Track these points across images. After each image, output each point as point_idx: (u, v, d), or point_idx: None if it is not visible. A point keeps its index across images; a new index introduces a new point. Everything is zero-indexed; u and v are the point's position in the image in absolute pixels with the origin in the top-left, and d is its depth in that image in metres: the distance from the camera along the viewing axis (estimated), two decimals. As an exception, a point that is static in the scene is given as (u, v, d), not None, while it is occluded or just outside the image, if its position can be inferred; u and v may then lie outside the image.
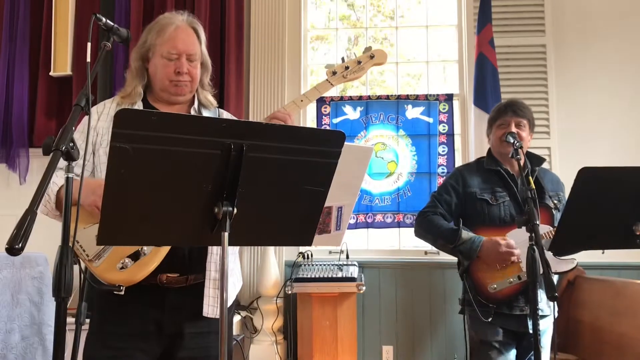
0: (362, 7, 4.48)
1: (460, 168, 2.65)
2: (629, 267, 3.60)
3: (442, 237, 2.43)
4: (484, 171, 2.51)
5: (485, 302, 2.31)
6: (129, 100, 1.75)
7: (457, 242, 2.35)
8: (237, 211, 1.20)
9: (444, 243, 2.43)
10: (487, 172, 2.50)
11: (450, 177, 2.59)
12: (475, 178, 2.49)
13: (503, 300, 2.29)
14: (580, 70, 3.92)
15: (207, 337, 1.67)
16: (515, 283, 2.28)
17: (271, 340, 3.65)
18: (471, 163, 2.67)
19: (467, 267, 2.38)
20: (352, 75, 1.83)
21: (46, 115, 3.98)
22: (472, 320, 2.41)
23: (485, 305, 2.31)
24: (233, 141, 1.16)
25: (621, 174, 1.75)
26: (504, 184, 2.44)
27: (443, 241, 2.43)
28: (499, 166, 2.47)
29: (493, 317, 2.29)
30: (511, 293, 2.29)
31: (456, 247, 2.36)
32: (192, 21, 1.79)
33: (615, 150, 3.76)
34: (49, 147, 1.22)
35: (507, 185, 2.43)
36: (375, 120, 3.97)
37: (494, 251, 2.28)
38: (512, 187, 2.42)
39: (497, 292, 2.29)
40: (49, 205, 1.63)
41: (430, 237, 2.51)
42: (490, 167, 2.50)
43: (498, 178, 2.46)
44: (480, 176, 2.50)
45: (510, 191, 2.42)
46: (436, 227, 2.45)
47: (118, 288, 1.54)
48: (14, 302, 2.34)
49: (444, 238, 2.42)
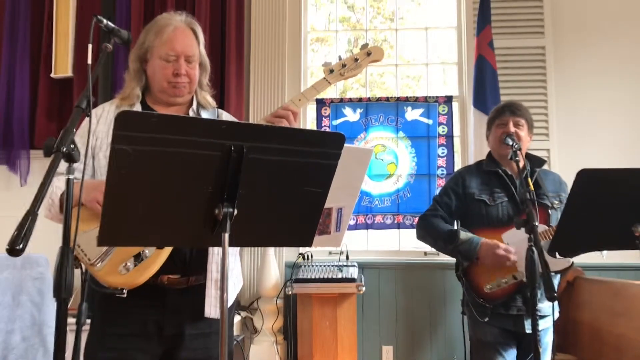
0: (362, 9, 4.49)
1: (461, 170, 2.68)
2: (628, 268, 3.60)
3: (442, 238, 2.46)
4: (483, 173, 2.53)
5: (481, 302, 2.32)
6: (128, 102, 1.75)
7: (456, 243, 2.37)
8: (237, 212, 1.21)
9: (444, 244, 2.46)
10: (487, 174, 2.52)
11: (451, 180, 2.61)
12: (474, 179, 2.51)
13: (499, 300, 2.31)
14: (580, 71, 3.93)
15: (208, 338, 1.67)
16: (511, 283, 2.29)
17: (271, 340, 3.65)
18: (472, 165, 2.70)
19: (465, 268, 2.39)
20: (349, 72, 1.82)
21: (47, 116, 3.98)
22: (471, 321, 2.43)
23: (481, 305, 2.33)
24: (233, 143, 1.17)
25: (620, 176, 1.75)
26: (502, 185, 2.46)
27: (443, 242, 2.46)
28: (498, 167, 2.49)
29: (490, 317, 2.31)
30: (507, 293, 2.30)
31: (456, 248, 2.38)
32: (191, 22, 1.78)
33: (614, 151, 3.77)
34: (50, 148, 1.23)
35: (506, 186, 2.45)
36: (375, 122, 3.98)
37: (491, 253, 2.29)
38: (510, 188, 2.44)
39: (492, 291, 2.30)
40: (53, 210, 1.63)
41: (431, 239, 2.54)
42: (490, 168, 2.52)
43: (497, 179, 2.48)
44: (479, 178, 2.52)
45: (508, 192, 2.44)
46: (436, 228, 2.48)
47: (120, 291, 1.54)
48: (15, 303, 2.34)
49: (444, 239, 2.45)
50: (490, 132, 2.56)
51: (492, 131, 2.53)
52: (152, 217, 1.21)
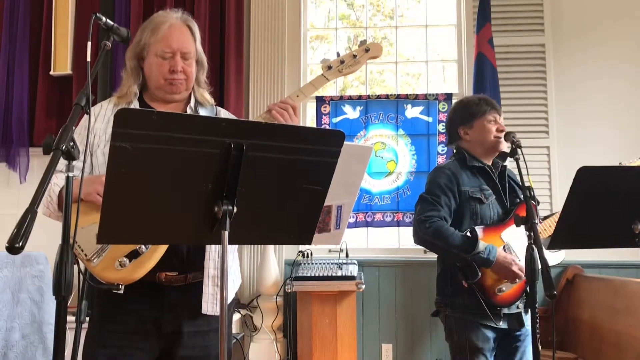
0: (361, 6, 4.49)
1: (448, 167, 2.44)
2: (627, 266, 3.60)
3: (456, 246, 2.25)
4: (467, 168, 2.41)
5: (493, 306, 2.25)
6: (125, 100, 1.74)
7: (474, 252, 2.21)
8: (237, 210, 1.21)
9: (458, 252, 2.25)
10: (471, 169, 2.40)
11: (440, 176, 2.39)
12: (464, 176, 2.38)
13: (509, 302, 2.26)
14: (579, 69, 3.93)
15: (206, 336, 1.67)
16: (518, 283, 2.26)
17: (271, 338, 3.66)
18: (452, 162, 2.48)
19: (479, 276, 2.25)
20: (347, 69, 1.81)
21: (46, 114, 3.98)
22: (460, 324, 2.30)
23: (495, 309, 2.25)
24: (233, 140, 1.17)
25: (620, 174, 1.76)
26: (488, 180, 2.39)
27: (457, 250, 2.25)
28: (482, 162, 2.41)
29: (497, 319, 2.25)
30: (518, 293, 2.27)
31: (472, 257, 2.22)
32: (187, 19, 1.78)
33: (614, 149, 3.76)
34: (49, 146, 1.23)
35: (492, 181, 2.39)
36: (374, 120, 3.98)
37: (505, 268, 2.21)
38: (496, 184, 2.39)
39: (503, 294, 2.26)
40: (51, 207, 1.63)
41: (441, 245, 2.30)
42: (475, 164, 2.40)
43: (483, 175, 2.40)
44: (466, 173, 2.39)
45: (494, 188, 2.39)
46: (449, 235, 2.27)
47: (117, 287, 1.54)
48: (15, 301, 2.34)
49: (459, 247, 2.25)
50: (471, 126, 2.42)
51: (482, 125, 2.40)
52: (151, 214, 1.21)
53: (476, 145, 2.43)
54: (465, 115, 2.45)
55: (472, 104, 2.46)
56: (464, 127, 2.44)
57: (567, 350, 3.20)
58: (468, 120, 2.43)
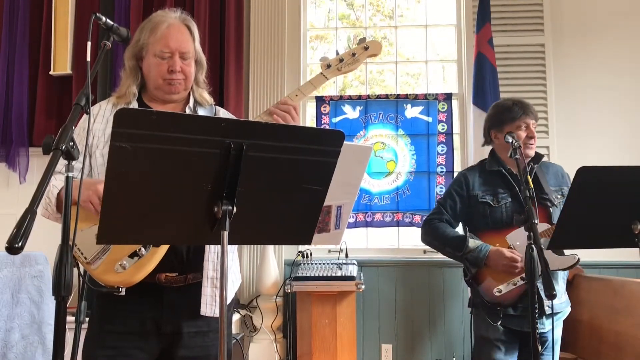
0: (361, 6, 4.49)
1: (464, 172, 2.61)
2: (627, 266, 3.60)
3: (450, 245, 2.45)
4: (486, 173, 2.50)
5: (492, 305, 2.31)
6: (124, 100, 1.74)
7: (464, 251, 2.36)
8: (236, 210, 1.21)
9: (452, 251, 2.45)
10: (489, 174, 2.48)
11: (454, 182, 2.57)
12: (477, 180, 2.48)
13: (510, 303, 2.30)
14: (579, 69, 3.93)
15: (205, 336, 1.67)
16: (520, 285, 2.28)
17: (271, 338, 3.66)
18: (474, 166, 2.63)
19: (474, 274, 2.38)
20: (346, 67, 1.80)
21: (46, 114, 3.98)
22: (478, 320, 2.42)
23: (493, 309, 2.31)
24: (233, 140, 1.17)
25: (620, 174, 1.75)
26: (506, 184, 2.43)
27: (451, 249, 2.45)
28: (502, 166, 2.47)
29: (502, 319, 2.30)
30: (517, 294, 2.29)
31: (464, 256, 2.37)
32: (185, 18, 1.77)
33: (614, 149, 3.77)
34: (49, 146, 1.23)
35: (510, 185, 2.42)
36: (374, 120, 3.98)
37: (500, 264, 2.29)
38: (514, 188, 2.41)
39: (502, 295, 2.29)
40: (50, 209, 1.62)
41: (438, 245, 2.52)
42: (493, 168, 2.48)
43: (500, 179, 2.45)
44: (482, 178, 2.48)
45: (512, 191, 2.41)
46: (443, 235, 2.46)
47: (117, 290, 1.54)
48: (14, 301, 2.34)
49: (452, 246, 2.44)
50: (500, 131, 2.43)
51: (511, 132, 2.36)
52: (151, 214, 1.21)
53: (503, 149, 2.46)
54: (497, 119, 2.50)
55: (504, 108, 2.49)
56: (495, 131, 2.50)
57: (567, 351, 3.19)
58: (499, 124, 2.47)
